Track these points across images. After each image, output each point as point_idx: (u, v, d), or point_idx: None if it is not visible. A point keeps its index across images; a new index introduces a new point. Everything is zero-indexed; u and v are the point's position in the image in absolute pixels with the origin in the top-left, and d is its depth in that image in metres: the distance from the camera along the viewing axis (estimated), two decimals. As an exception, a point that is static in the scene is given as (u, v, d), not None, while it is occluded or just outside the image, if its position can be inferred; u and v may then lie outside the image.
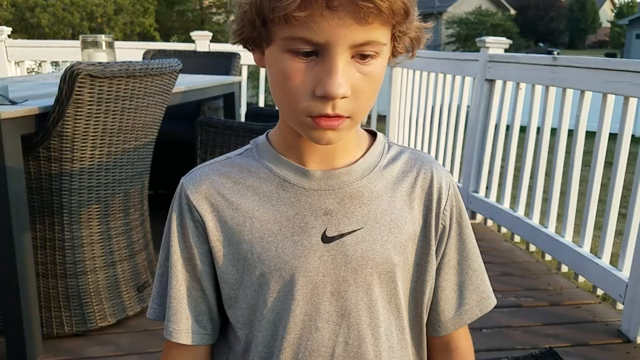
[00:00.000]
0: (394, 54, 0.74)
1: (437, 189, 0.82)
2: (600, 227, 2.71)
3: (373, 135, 0.85)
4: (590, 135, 2.75)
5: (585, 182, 2.80)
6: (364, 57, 0.67)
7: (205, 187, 0.80)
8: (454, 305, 0.86)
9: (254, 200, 0.79)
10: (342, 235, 0.78)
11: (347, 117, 0.70)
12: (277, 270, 0.77)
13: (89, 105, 1.90)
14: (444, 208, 0.83)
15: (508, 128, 3.45)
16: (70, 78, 1.81)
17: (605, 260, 2.60)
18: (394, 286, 0.80)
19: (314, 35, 0.64)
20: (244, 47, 0.74)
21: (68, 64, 1.85)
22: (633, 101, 2.44)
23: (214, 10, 17.76)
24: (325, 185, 0.78)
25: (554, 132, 2.99)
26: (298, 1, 0.62)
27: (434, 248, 0.83)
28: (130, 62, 1.99)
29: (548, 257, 3.10)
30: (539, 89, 3.19)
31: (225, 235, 0.79)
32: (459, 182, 3.99)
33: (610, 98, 2.58)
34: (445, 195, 0.83)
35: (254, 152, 0.82)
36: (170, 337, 0.82)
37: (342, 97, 0.67)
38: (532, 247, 3.23)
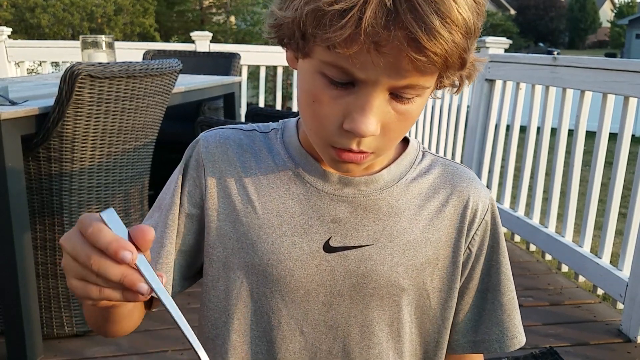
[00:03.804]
0: (437, 87, 0.67)
1: (471, 212, 0.76)
2: (600, 226, 2.71)
3: (405, 140, 0.78)
4: (590, 135, 2.75)
5: (585, 181, 2.80)
6: (402, 96, 0.62)
7: (221, 151, 0.76)
8: (470, 329, 0.80)
9: (263, 184, 0.74)
10: (345, 248, 0.73)
11: (372, 153, 0.65)
12: (269, 267, 0.72)
13: (89, 105, 1.90)
14: (475, 233, 0.76)
15: (508, 128, 3.45)
16: (70, 78, 1.81)
17: (605, 260, 2.60)
18: (398, 310, 0.75)
19: (354, 70, 0.58)
20: (278, 44, 0.68)
21: (68, 65, 1.85)
22: (633, 101, 2.45)
23: (214, 10, 17.75)
24: (340, 191, 0.73)
25: (554, 132, 2.99)
26: (344, 35, 0.55)
27: (459, 274, 0.77)
28: (130, 62, 1.99)
29: (548, 257, 3.10)
30: (539, 89, 3.19)
31: (225, 209, 0.74)
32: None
33: (610, 98, 2.58)
34: (479, 219, 0.76)
35: (279, 135, 0.77)
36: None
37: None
38: (532, 247, 3.23)
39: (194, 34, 4.44)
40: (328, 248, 0.73)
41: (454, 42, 0.55)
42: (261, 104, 4.69)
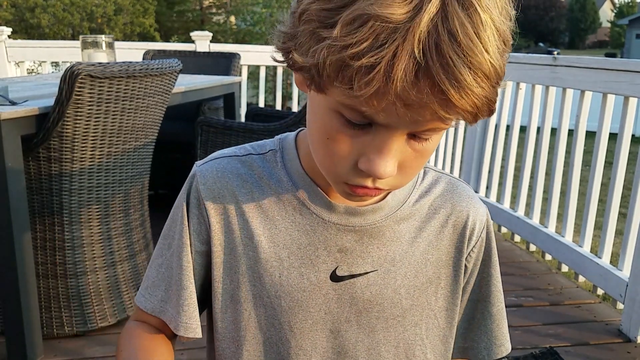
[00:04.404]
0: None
1: (470, 230, 0.77)
2: (600, 226, 2.71)
3: None
4: (590, 135, 2.75)
5: (585, 181, 2.80)
6: (421, 137, 0.59)
7: (220, 187, 0.73)
8: (459, 335, 0.82)
9: (268, 216, 0.72)
10: (352, 276, 0.72)
11: (387, 189, 0.64)
12: (277, 298, 0.72)
13: (89, 105, 1.90)
14: (472, 250, 0.78)
15: (508, 128, 3.45)
16: (70, 78, 1.81)
17: (605, 260, 2.60)
18: (403, 330, 0.75)
19: (375, 115, 0.55)
20: (287, 67, 0.63)
21: (68, 65, 1.85)
22: (633, 101, 2.45)
23: (214, 10, 17.75)
24: (347, 221, 0.72)
25: (554, 131, 2.99)
26: (370, 92, 0.51)
27: (461, 291, 0.78)
28: (130, 62, 1.99)
29: (548, 257, 3.10)
30: (539, 88, 3.19)
31: (229, 244, 0.73)
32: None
33: (610, 98, 2.58)
34: (476, 237, 0.77)
35: (279, 158, 0.74)
36: (186, 333, 0.74)
37: None
38: (533, 247, 3.23)
39: (194, 34, 4.44)
40: (335, 277, 0.72)
41: (486, 97, 0.53)
42: (261, 104, 4.68)
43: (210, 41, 4.43)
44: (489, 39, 0.51)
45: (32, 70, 6.45)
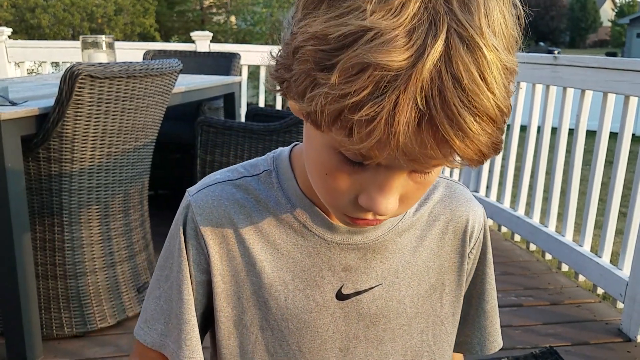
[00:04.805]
0: None
1: (469, 234, 0.77)
2: (600, 226, 2.71)
3: None
4: (591, 135, 2.75)
5: (585, 181, 2.80)
6: (423, 171, 0.57)
7: (217, 215, 0.70)
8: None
9: (269, 240, 0.71)
10: (358, 293, 0.72)
11: (388, 218, 0.63)
12: (284, 321, 0.71)
13: (89, 105, 1.90)
14: (471, 251, 0.78)
15: (508, 127, 3.45)
16: (71, 79, 1.81)
17: (605, 259, 2.60)
18: (409, 338, 0.76)
19: (376, 157, 0.51)
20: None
21: (68, 65, 1.85)
22: (633, 100, 2.44)
23: (214, 10, 17.75)
24: (349, 240, 0.71)
25: (554, 131, 2.99)
26: (371, 144, 0.48)
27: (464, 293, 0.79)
28: (131, 62, 1.99)
29: (548, 257, 3.10)
30: (539, 88, 3.19)
31: (230, 271, 0.71)
32: (458, 181, 3.99)
33: (611, 97, 2.58)
34: (475, 238, 0.78)
35: (274, 179, 0.72)
36: None
37: None
38: (533, 247, 3.23)
39: (194, 34, 4.44)
40: (341, 296, 0.72)
41: (491, 141, 0.50)
42: (261, 104, 4.68)
43: (211, 41, 4.43)
44: (495, 79, 0.48)
45: (32, 70, 6.45)
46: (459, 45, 0.46)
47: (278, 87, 0.58)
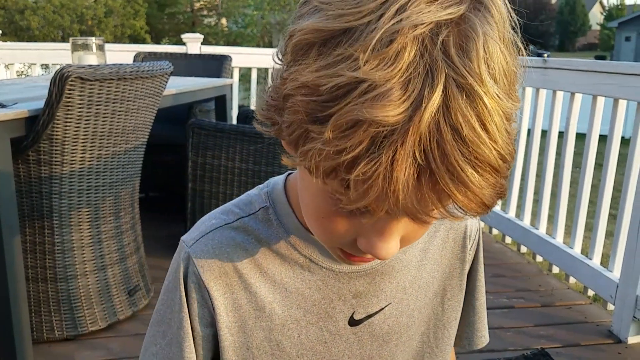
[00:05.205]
0: None
1: (468, 239, 0.77)
2: (590, 228, 2.72)
3: None
4: (581, 137, 2.77)
5: (575, 183, 2.81)
6: None
7: (220, 264, 0.67)
8: None
9: (276, 281, 0.68)
10: (369, 316, 0.71)
11: None
12: (299, 357, 0.70)
13: (79, 108, 1.89)
14: (469, 253, 0.79)
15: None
16: (60, 81, 1.80)
17: (596, 261, 2.62)
18: (419, 344, 0.77)
19: (375, 212, 0.49)
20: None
21: (58, 67, 1.84)
22: (622, 103, 2.46)
23: (205, 12, 17.73)
24: (357, 268, 0.69)
25: (544, 134, 3.01)
26: (368, 202, 0.46)
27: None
28: (121, 64, 1.98)
29: (539, 259, 3.11)
30: (529, 91, 3.20)
31: (237, 321, 0.68)
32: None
33: (600, 100, 2.60)
34: (473, 242, 0.79)
35: (272, 215, 0.69)
36: None
37: None
38: (524, 249, 3.24)
39: (185, 36, 4.43)
40: (353, 322, 0.71)
41: (495, 192, 0.48)
42: (253, 107, 4.67)
43: (202, 43, 4.42)
44: (496, 127, 0.46)
45: (22, 72, 6.42)
46: (457, 94, 0.44)
47: (269, 128, 0.55)
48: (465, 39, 0.45)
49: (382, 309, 0.72)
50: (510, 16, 0.51)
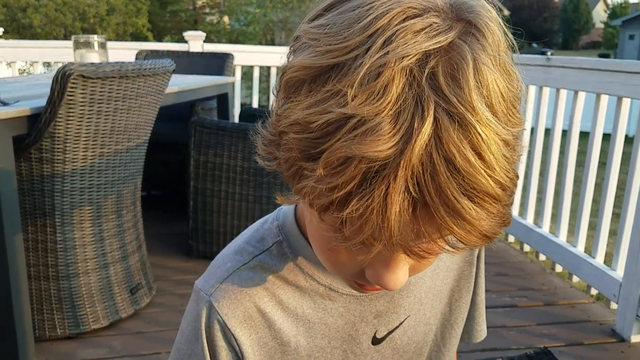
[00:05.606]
0: None
1: None
2: (594, 227, 2.72)
3: None
4: (584, 136, 2.76)
5: (579, 182, 2.80)
6: None
7: (243, 309, 0.66)
8: None
9: (298, 314, 0.68)
10: (390, 332, 0.72)
11: None
12: None
13: (81, 106, 1.89)
14: (475, 255, 0.80)
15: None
16: (63, 79, 1.80)
17: (599, 260, 2.61)
18: (434, 345, 0.79)
19: (373, 248, 0.47)
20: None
21: (60, 65, 1.84)
22: (626, 101, 2.45)
23: (207, 10, 17.73)
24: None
25: (547, 132, 3.00)
26: (363, 239, 0.46)
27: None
28: (123, 62, 1.97)
29: (542, 257, 3.10)
30: (532, 89, 3.19)
31: (264, 358, 0.68)
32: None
33: (604, 98, 2.59)
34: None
35: (286, 249, 0.68)
36: None
37: None
38: (527, 247, 3.24)
39: (187, 34, 4.42)
40: (376, 341, 0.72)
41: (496, 222, 0.47)
42: (255, 105, 4.67)
43: (204, 41, 4.41)
44: (493, 155, 0.44)
45: (24, 70, 6.42)
46: (449, 125, 0.43)
47: (271, 162, 0.55)
48: (454, 67, 0.44)
49: (402, 323, 0.73)
50: (507, 37, 0.50)
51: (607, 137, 2.53)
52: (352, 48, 0.45)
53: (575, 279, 2.79)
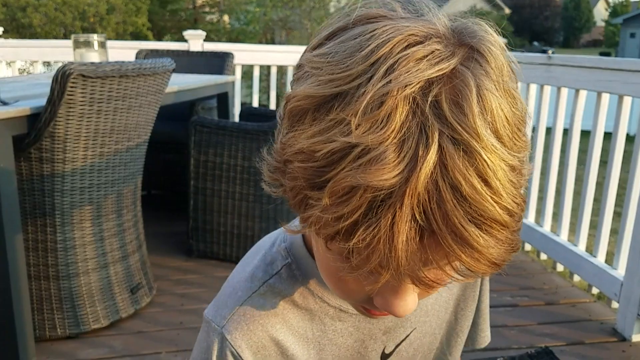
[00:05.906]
0: None
1: None
2: (595, 225, 2.71)
3: None
4: (585, 134, 2.75)
5: (580, 181, 2.80)
6: None
7: (256, 339, 0.66)
8: None
9: (308, 339, 0.68)
10: (398, 345, 0.73)
11: None
12: None
13: (81, 105, 1.88)
14: None
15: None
16: (62, 78, 1.80)
17: (600, 259, 2.61)
18: (440, 352, 0.79)
19: (381, 277, 0.47)
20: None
21: (60, 64, 1.84)
22: (627, 100, 2.44)
23: (207, 9, 17.72)
24: None
25: (548, 131, 2.99)
26: (371, 267, 0.45)
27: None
28: (123, 61, 1.97)
29: (543, 256, 3.10)
30: (533, 87, 3.19)
31: None
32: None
33: (605, 97, 2.58)
34: None
35: (296, 271, 0.67)
36: None
37: None
38: (528, 247, 3.23)
39: (187, 33, 4.42)
40: (384, 356, 0.72)
41: (505, 248, 0.46)
42: (255, 104, 4.67)
43: (204, 40, 4.41)
44: (500, 181, 0.44)
45: (24, 70, 6.42)
46: (453, 152, 0.42)
47: (277, 189, 0.55)
48: (458, 94, 0.44)
49: (408, 335, 0.73)
50: (511, 60, 0.49)
51: (608, 136, 2.53)
52: (354, 77, 0.45)
53: (576, 278, 2.79)
